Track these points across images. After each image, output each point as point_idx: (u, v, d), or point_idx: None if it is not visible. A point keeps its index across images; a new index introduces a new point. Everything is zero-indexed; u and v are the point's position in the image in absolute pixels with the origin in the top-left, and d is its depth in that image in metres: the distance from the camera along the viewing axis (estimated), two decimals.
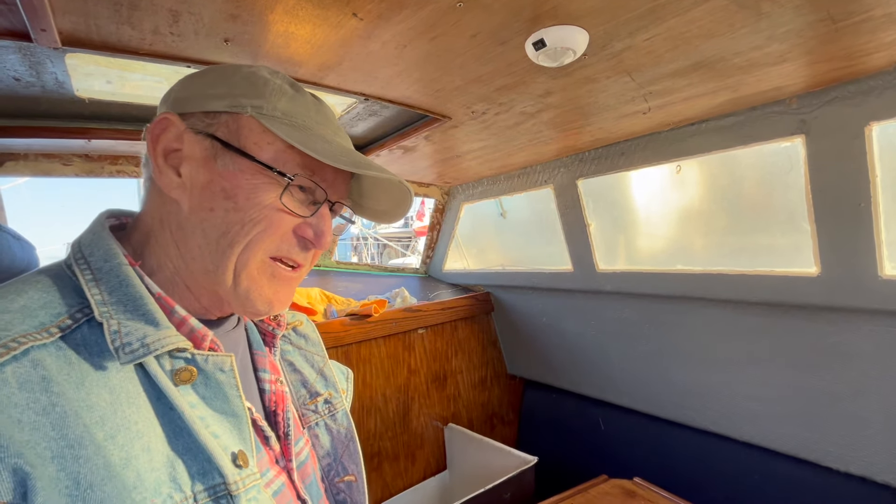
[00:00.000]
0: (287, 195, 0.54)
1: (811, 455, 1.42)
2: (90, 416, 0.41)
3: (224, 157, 0.53)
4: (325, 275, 2.46)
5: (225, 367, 0.51)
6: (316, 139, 0.54)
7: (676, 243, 1.73)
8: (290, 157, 0.54)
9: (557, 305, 2.12)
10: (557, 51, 0.87)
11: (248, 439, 0.50)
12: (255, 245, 0.53)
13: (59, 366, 0.42)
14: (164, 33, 0.82)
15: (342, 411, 0.74)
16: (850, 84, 1.05)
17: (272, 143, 0.53)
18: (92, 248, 0.51)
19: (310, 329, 0.78)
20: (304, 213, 0.55)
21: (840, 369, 1.30)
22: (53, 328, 0.44)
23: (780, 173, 1.29)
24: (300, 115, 0.56)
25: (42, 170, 1.50)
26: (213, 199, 0.52)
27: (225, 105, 0.54)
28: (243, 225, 0.52)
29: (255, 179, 0.52)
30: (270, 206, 0.53)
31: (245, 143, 0.53)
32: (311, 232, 0.56)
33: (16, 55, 0.90)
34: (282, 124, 0.54)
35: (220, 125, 0.53)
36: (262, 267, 0.54)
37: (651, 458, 1.87)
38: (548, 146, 1.60)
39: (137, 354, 0.45)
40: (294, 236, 0.56)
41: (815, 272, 1.24)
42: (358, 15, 0.79)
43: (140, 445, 0.43)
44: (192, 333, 0.51)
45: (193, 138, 0.53)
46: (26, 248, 1.17)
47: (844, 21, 0.81)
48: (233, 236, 0.52)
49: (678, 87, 1.10)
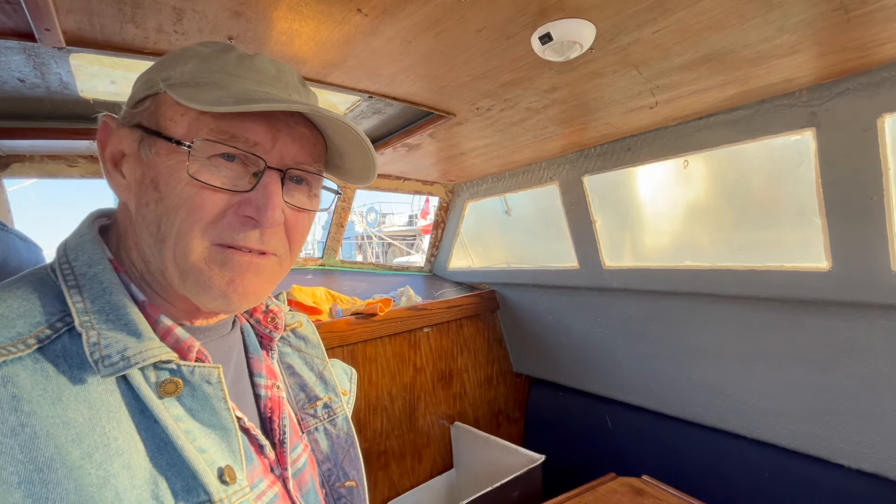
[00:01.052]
0: (204, 169, 0.47)
1: (822, 452, 1.40)
2: (65, 435, 0.39)
3: (146, 144, 0.49)
4: (330, 274, 2.46)
5: (212, 379, 0.48)
6: (220, 93, 0.47)
7: (684, 239, 1.71)
8: (204, 123, 0.47)
9: (563, 303, 2.11)
10: (564, 45, 0.86)
11: (237, 452, 0.48)
12: (185, 234, 0.47)
13: (35, 380, 0.40)
14: (168, 31, 0.81)
15: (342, 416, 0.71)
16: (862, 75, 1.03)
17: (185, 113, 0.47)
18: (77, 252, 0.48)
19: (310, 331, 0.74)
20: (231, 187, 0.48)
21: (852, 365, 1.29)
22: (31, 339, 0.41)
23: (790, 167, 1.27)
24: (210, 71, 0.49)
25: (48, 171, 1.50)
26: (146, 193, 0.48)
27: (145, 89, 0.50)
28: (168, 214, 0.47)
29: (170, 160, 0.47)
30: (188, 184, 0.46)
31: (161, 121, 0.48)
32: (251, 208, 0.48)
33: (20, 56, 0.90)
34: (184, 86, 0.48)
35: (143, 112, 0.50)
36: (207, 256, 0.48)
37: (659, 455, 1.85)
38: (553, 142, 1.59)
39: (117, 368, 0.42)
40: (235, 216, 0.48)
41: (827, 267, 1.22)
42: (362, 11, 0.78)
43: (120, 462, 0.41)
44: (178, 344, 0.48)
45: (126, 133, 0.50)
46: (33, 250, 1.17)
47: (857, 10, 0.79)
48: (164, 229, 0.47)
49: (686, 80, 1.09)
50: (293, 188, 0.53)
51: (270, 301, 0.68)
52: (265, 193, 0.49)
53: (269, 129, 0.49)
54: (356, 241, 15.51)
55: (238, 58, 0.52)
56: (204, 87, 0.48)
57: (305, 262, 2.44)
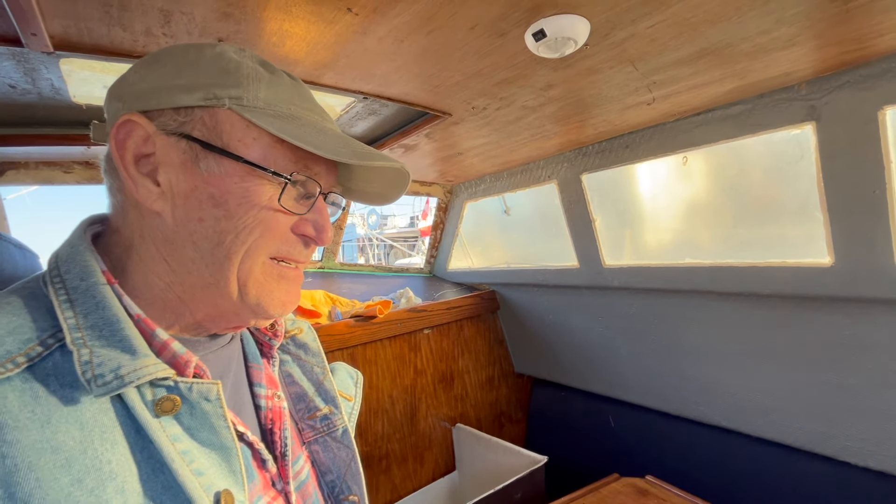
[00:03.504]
0: (283, 195, 0.50)
1: (828, 450, 1.39)
2: (53, 461, 0.38)
3: (207, 159, 0.47)
4: (329, 276, 2.45)
5: (211, 396, 0.46)
6: (307, 129, 0.50)
7: (684, 236, 1.69)
8: (281, 153, 0.49)
9: (564, 302, 2.09)
10: (558, 41, 0.85)
11: (237, 472, 0.47)
12: (254, 252, 0.49)
13: (23, 402, 0.38)
14: (157, 34, 0.81)
15: (342, 428, 0.68)
16: (862, 67, 1.01)
17: (258, 138, 0.48)
18: (69, 265, 0.46)
19: (310, 338, 0.73)
20: (300, 211, 0.52)
21: (857, 361, 1.27)
22: (20, 357, 0.40)
23: (791, 162, 1.25)
24: (284, 102, 0.51)
25: (43, 178, 1.50)
26: (201, 208, 0.47)
27: (198, 98, 0.47)
28: (238, 233, 0.48)
29: (246, 182, 0.48)
30: (266, 208, 0.49)
31: (229, 141, 0.48)
32: (311, 229, 0.53)
33: (10, 62, 0.89)
34: (267, 116, 0.48)
35: (195, 122, 0.47)
36: (267, 271, 0.51)
37: (663, 455, 1.84)
38: (550, 141, 1.58)
39: (111, 387, 0.41)
40: (294, 235, 0.52)
41: (829, 262, 1.20)
42: (352, 10, 0.77)
43: (113, 487, 0.39)
44: (175, 359, 0.47)
45: (166, 141, 0.47)
46: (29, 258, 1.16)
47: (856, 1, 0.78)
48: (229, 246, 0.48)
49: (683, 75, 1.07)
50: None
51: None
52: (322, 216, 0.54)
53: (326, 161, 0.54)
54: (358, 244, 15.51)
55: (292, 84, 0.54)
56: (285, 119, 0.50)
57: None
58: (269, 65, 0.53)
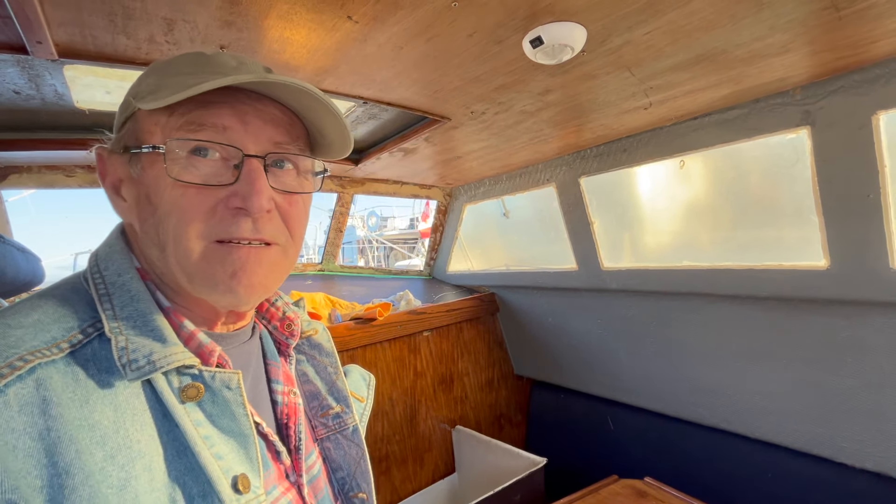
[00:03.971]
0: (185, 170, 0.47)
1: (825, 451, 1.40)
2: (90, 437, 0.41)
3: (133, 162, 0.51)
4: (329, 279, 2.46)
5: (232, 385, 0.49)
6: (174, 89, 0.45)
7: (682, 239, 1.71)
8: (174, 124, 0.48)
9: (563, 304, 2.10)
10: (555, 48, 0.87)
11: (254, 459, 0.49)
12: (181, 237, 0.48)
13: (66, 383, 0.42)
14: (160, 42, 0.82)
15: (353, 427, 0.70)
16: (856, 73, 1.03)
17: (157, 121, 0.49)
18: (107, 262, 0.51)
19: (324, 339, 0.74)
20: (215, 182, 0.48)
21: (853, 363, 1.28)
22: (64, 343, 0.43)
23: (786, 165, 1.27)
24: (169, 76, 0.50)
25: (46, 182, 1.51)
26: (144, 209, 0.50)
27: (123, 113, 0.52)
28: (162, 222, 0.48)
29: (153, 170, 0.49)
30: (173, 189, 0.47)
31: (140, 136, 0.50)
32: (237, 199, 0.48)
33: (14, 68, 0.90)
34: (149, 95, 0.48)
35: (126, 134, 0.51)
36: (207, 255, 0.48)
37: (662, 456, 1.84)
38: (549, 144, 1.59)
39: (144, 371, 0.44)
40: (226, 210, 0.49)
41: (825, 265, 1.21)
42: (353, 18, 0.79)
43: (141, 465, 0.42)
44: (200, 349, 0.50)
45: (117, 159, 0.52)
46: (31, 260, 1.17)
47: (848, 9, 0.79)
48: (162, 237, 0.49)
49: (679, 80, 1.09)
50: (279, 173, 0.53)
51: (288, 308, 0.68)
52: (248, 180, 0.49)
53: (236, 113, 0.49)
54: (358, 246, 15.51)
55: (195, 56, 0.52)
56: (164, 88, 0.47)
57: (305, 267, 2.44)
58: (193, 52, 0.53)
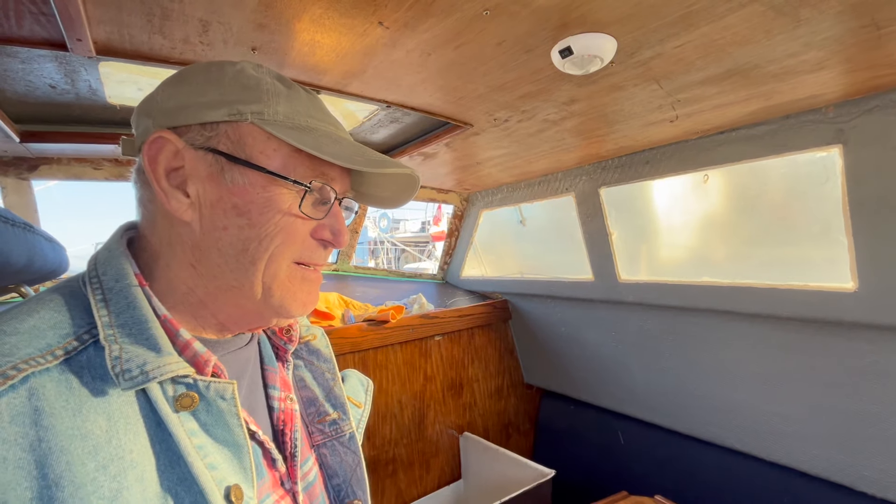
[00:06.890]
0: (303, 202, 0.53)
1: (845, 479, 1.35)
2: (82, 447, 0.40)
3: (231, 171, 0.51)
4: (343, 279, 2.47)
5: (226, 395, 0.49)
6: (323, 139, 0.53)
7: (702, 254, 1.68)
8: (300, 162, 0.52)
9: (577, 315, 2.08)
10: (584, 58, 0.86)
11: (248, 469, 0.49)
12: (278, 256, 0.52)
13: (59, 392, 0.41)
14: (194, 42, 0.83)
15: (349, 434, 0.70)
16: (893, 92, 1.00)
17: (278, 149, 0.52)
18: (106, 267, 0.50)
19: (322, 344, 0.75)
20: (318, 216, 0.54)
21: (878, 389, 1.24)
22: (59, 350, 0.43)
23: (815, 184, 1.24)
24: (301, 115, 0.54)
25: (74, 173, 1.55)
26: (226, 217, 0.51)
27: (223, 114, 0.51)
28: (261, 240, 0.51)
29: (268, 192, 0.51)
30: (286, 215, 0.52)
31: (251, 153, 0.51)
32: (328, 233, 0.56)
33: (52, 63, 0.92)
34: (286, 128, 0.51)
35: (220, 137, 0.51)
36: (290, 274, 0.54)
37: (673, 475, 1.81)
38: (570, 154, 1.58)
39: (137, 381, 0.44)
40: (313, 239, 0.55)
41: (852, 287, 1.18)
42: (384, 24, 0.79)
43: (134, 476, 0.42)
44: (196, 358, 0.49)
45: (194, 155, 0.51)
46: (57, 250, 1.20)
47: (890, 27, 0.77)
48: (253, 252, 0.51)
49: (708, 94, 1.07)
50: None
51: None
52: (338, 220, 0.57)
53: (340, 168, 0.56)
54: (369, 246, 15.60)
55: (308, 98, 0.57)
56: (303, 130, 0.53)
57: None
58: (285, 80, 0.56)
